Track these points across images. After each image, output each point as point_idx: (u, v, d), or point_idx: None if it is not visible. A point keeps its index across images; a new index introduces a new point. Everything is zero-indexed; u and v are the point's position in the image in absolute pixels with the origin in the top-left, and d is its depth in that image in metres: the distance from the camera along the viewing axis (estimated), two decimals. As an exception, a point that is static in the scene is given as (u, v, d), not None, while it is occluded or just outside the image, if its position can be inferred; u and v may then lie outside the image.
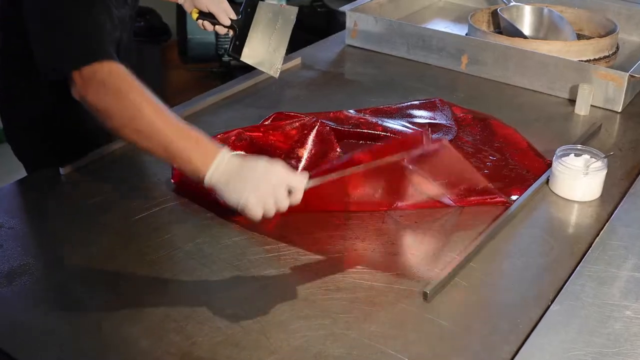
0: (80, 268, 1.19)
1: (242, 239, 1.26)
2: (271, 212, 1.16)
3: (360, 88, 1.90)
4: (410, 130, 1.58)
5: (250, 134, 1.46)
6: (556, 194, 1.41)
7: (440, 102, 1.72)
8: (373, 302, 1.11)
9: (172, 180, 1.39)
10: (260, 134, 1.47)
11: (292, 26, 1.64)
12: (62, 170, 1.45)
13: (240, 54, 1.61)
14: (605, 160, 1.39)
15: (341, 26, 2.22)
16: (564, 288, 1.14)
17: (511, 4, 2.20)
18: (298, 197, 1.17)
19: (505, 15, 2.11)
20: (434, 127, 1.61)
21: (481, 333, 1.07)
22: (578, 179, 1.38)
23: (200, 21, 1.61)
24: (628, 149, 1.60)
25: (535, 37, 2.13)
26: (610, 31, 2.05)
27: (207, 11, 1.60)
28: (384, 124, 1.59)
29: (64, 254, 1.23)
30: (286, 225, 1.29)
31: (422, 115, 1.66)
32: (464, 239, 1.27)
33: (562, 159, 1.41)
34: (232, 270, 1.18)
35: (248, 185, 1.13)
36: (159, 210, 1.33)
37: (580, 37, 2.14)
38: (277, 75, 1.62)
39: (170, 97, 1.98)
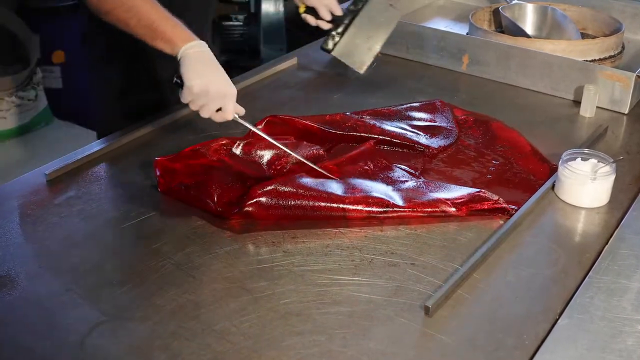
0: (62, 280, 1.13)
1: (234, 249, 1.20)
2: (195, 105, 1.33)
3: (358, 89, 1.84)
4: (409, 134, 1.52)
5: (232, 144, 1.40)
6: (562, 200, 1.35)
7: (440, 104, 1.66)
8: (371, 317, 1.05)
9: (158, 189, 1.34)
10: (242, 146, 1.40)
11: (393, 27, 1.70)
12: (46, 176, 1.39)
13: (332, 49, 1.66)
14: (614, 165, 1.33)
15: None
16: (572, 300, 1.09)
17: (513, 2, 2.15)
18: (223, 116, 1.35)
19: (507, 13, 2.05)
20: (434, 129, 1.55)
21: (485, 349, 1.01)
22: (585, 184, 1.32)
23: (304, 15, 1.68)
24: (636, 152, 1.54)
25: (537, 37, 2.08)
26: (615, 30, 1.99)
27: (312, 6, 1.69)
28: (382, 126, 1.53)
29: (47, 265, 1.17)
30: (280, 234, 1.23)
31: (422, 118, 1.61)
32: (467, 248, 1.21)
33: (569, 163, 1.35)
34: (223, 282, 1.12)
35: (214, 76, 1.32)
36: (147, 219, 1.27)
37: (583, 36, 2.08)
38: (362, 71, 1.66)
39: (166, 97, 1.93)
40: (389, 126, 1.54)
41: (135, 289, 1.11)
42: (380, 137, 1.49)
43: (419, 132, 1.53)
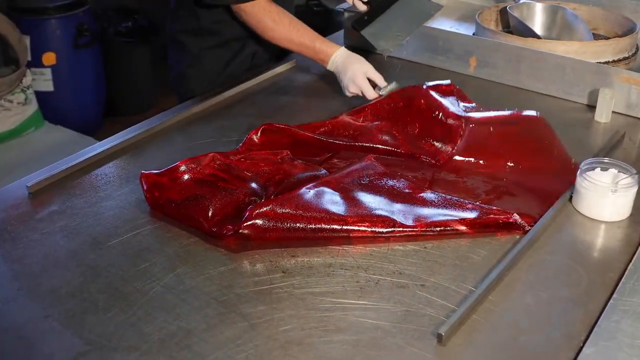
0: (42, 304, 1.04)
1: (229, 269, 1.11)
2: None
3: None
4: (415, 142, 1.42)
5: (224, 159, 1.29)
6: (581, 214, 1.26)
7: (446, 89, 1.53)
8: (379, 346, 0.96)
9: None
10: (235, 162, 1.30)
11: (427, 20, 1.72)
12: (28, 188, 1.30)
13: (362, 28, 1.69)
14: (636, 176, 1.24)
15: (338, 26, 2.08)
16: (596, 326, 1.00)
17: (521, 1, 2.05)
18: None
19: (515, 13, 1.96)
20: (441, 131, 1.42)
21: (504, 382, 0.92)
22: (606, 196, 1.23)
23: None
24: (656, 161, 1.45)
25: (547, 37, 1.98)
26: (628, 30, 1.90)
27: None
28: (384, 136, 1.42)
29: (26, 288, 1.08)
30: (279, 252, 1.14)
31: (427, 117, 1.47)
32: (481, 267, 1.12)
33: (587, 173, 1.26)
34: (217, 306, 1.03)
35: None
36: (135, 235, 1.18)
37: (595, 37, 1.99)
38: (385, 55, 1.70)
39: (162, 98, 1.86)
40: (390, 135, 1.43)
41: (121, 314, 1.02)
42: (382, 147, 1.40)
43: (424, 139, 1.43)
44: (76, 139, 2.96)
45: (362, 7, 1.72)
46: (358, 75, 1.61)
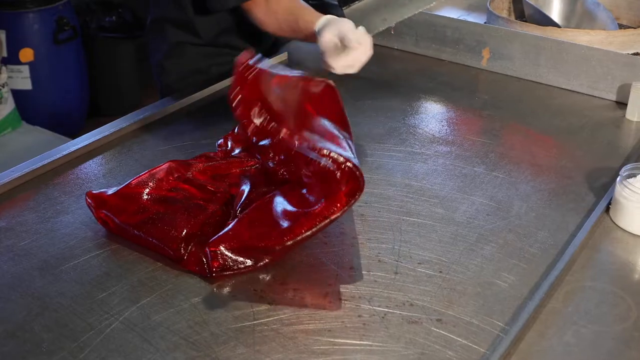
0: (-27, 347, 0.85)
1: (203, 301, 0.92)
2: None
3: (359, 89, 1.56)
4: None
5: (185, 171, 1.09)
6: (621, 228, 1.07)
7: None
8: (387, 401, 0.78)
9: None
10: (196, 174, 1.10)
11: (427, 6, 1.52)
12: (-29, 201, 1.11)
13: (346, 5, 1.57)
14: (688, 184, 1.06)
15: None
16: (654, 371, 0.81)
17: (536, -13, 1.87)
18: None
19: (531, 0, 1.77)
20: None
21: None
22: (651, 208, 1.04)
23: None
24: (701, 165, 1.26)
25: (566, 27, 1.80)
26: (656, 19, 1.72)
27: None
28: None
29: (-44, 324, 0.89)
30: (264, 279, 0.95)
31: None
32: (509, 296, 0.93)
33: (629, 180, 1.07)
34: (187, 348, 0.84)
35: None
36: (92, 258, 0.99)
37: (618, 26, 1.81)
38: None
39: (148, 95, 1.69)
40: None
41: (70, 359, 0.83)
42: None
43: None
44: (56, 140, 2.79)
45: None
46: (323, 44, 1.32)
